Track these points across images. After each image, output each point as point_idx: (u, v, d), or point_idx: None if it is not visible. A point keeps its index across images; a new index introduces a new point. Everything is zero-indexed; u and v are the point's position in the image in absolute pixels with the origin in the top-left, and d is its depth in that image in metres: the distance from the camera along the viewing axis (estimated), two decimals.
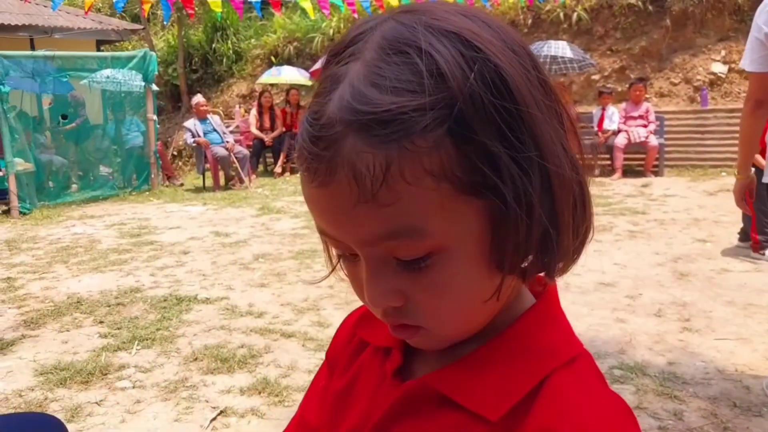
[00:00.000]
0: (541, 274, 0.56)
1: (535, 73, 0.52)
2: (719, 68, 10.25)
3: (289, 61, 12.91)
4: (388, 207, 0.49)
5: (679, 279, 4.41)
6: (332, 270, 0.63)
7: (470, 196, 0.50)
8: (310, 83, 12.28)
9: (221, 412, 2.77)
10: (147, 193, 9.63)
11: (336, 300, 4.21)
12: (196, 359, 3.33)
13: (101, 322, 3.96)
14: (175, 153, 12.88)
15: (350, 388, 0.68)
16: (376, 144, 0.48)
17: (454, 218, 0.50)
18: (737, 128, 2.81)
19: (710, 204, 6.96)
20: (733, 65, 10.14)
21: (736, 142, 2.78)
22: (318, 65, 11.47)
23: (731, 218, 5.93)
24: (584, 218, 0.56)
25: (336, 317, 3.86)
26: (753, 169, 2.82)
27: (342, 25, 12.78)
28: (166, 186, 10.25)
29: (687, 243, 5.36)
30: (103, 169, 10.10)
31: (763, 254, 4.89)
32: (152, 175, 9.90)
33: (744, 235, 5.12)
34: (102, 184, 9.70)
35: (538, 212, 0.50)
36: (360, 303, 0.66)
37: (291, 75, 11.89)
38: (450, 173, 0.49)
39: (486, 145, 0.49)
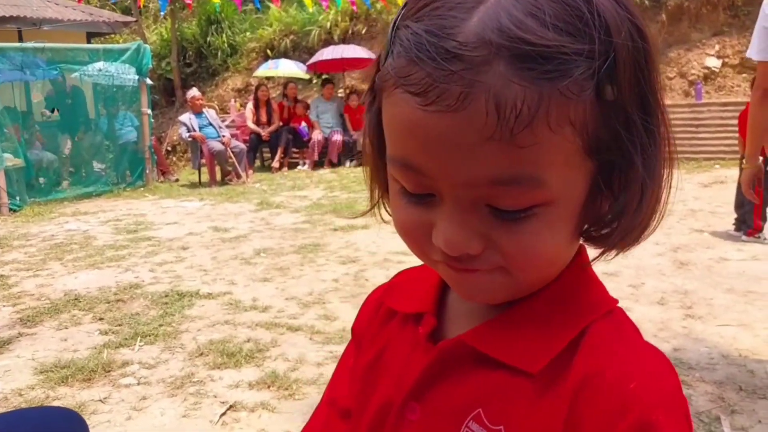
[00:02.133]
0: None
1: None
2: (713, 62, 10.33)
3: (285, 55, 12.87)
4: (523, 149, 0.45)
5: (680, 268, 4.47)
6: (372, 206, 0.62)
7: (590, 156, 0.48)
8: (307, 77, 12.19)
9: (231, 406, 2.75)
10: (141, 189, 9.51)
11: (341, 293, 4.20)
12: (201, 354, 3.30)
13: (101, 319, 3.91)
14: (169, 148, 12.80)
15: (379, 358, 0.66)
16: (529, 78, 0.44)
17: (571, 176, 0.49)
18: (731, 121, 2.83)
19: (705, 195, 7.01)
20: (726, 59, 10.23)
21: (730, 135, 2.80)
22: (315, 59, 11.40)
23: (726, 209, 5.96)
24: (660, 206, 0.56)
25: (342, 310, 3.85)
26: (761, 159, 2.83)
27: (339, 18, 12.69)
28: (161, 182, 10.13)
29: (685, 233, 5.41)
30: (96, 165, 9.93)
31: (758, 238, 4.98)
32: (147, 171, 9.75)
33: (739, 225, 5.20)
34: (95, 180, 9.53)
35: (645, 181, 0.50)
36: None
37: (289, 68, 11.82)
38: (586, 128, 0.47)
39: (625, 107, 0.47)
